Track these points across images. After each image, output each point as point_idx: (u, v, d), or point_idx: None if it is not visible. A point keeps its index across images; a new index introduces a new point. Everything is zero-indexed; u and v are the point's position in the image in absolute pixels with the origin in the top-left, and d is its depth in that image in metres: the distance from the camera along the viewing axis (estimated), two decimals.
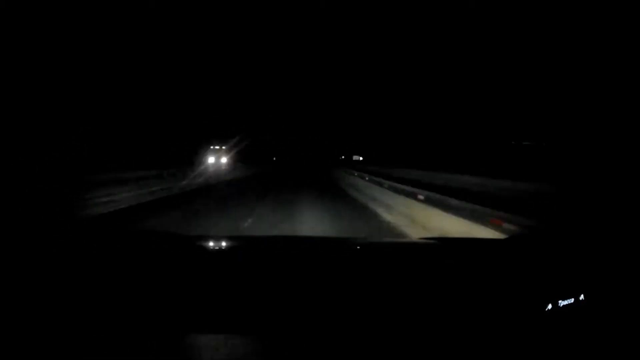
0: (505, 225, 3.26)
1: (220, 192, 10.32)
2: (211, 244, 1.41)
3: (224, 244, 1.44)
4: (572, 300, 0.75)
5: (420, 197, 5.79)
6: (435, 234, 3.27)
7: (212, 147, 20.06)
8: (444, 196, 5.29)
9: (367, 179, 10.12)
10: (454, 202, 4.80)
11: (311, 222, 5.35)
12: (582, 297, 0.76)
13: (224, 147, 20.44)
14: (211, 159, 18.61)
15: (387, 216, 5.93)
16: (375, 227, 5.10)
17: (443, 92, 19.02)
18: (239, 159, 21.72)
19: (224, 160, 19.58)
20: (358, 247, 1.43)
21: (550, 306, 0.72)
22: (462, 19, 17.09)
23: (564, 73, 12.77)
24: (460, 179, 8.93)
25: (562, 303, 0.74)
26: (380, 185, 8.26)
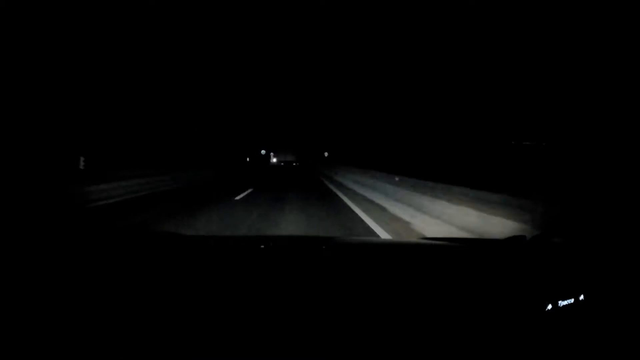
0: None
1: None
2: (208, 244, 1.40)
3: (221, 244, 1.44)
4: (572, 300, 0.74)
5: None
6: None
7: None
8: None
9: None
10: None
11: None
12: (582, 297, 0.75)
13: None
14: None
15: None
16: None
17: (442, 92, 18.99)
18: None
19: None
20: (357, 247, 1.43)
21: (550, 306, 0.72)
22: (461, 19, 17.06)
23: (564, 73, 12.76)
24: None
25: (562, 303, 0.73)
26: None
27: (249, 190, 9.92)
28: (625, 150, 9.01)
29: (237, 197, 8.29)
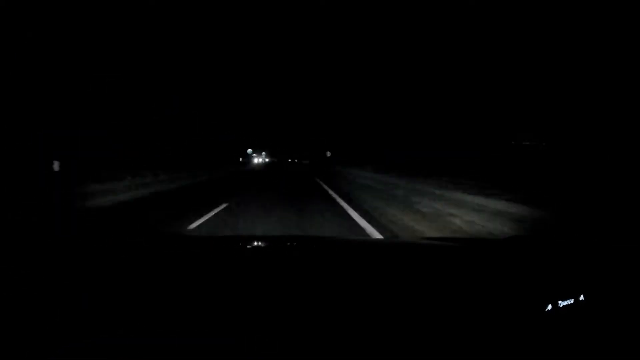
0: None
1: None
2: (210, 244, 1.40)
3: (223, 244, 1.44)
4: (572, 300, 0.74)
5: None
6: None
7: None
8: None
9: None
10: None
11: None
12: (582, 297, 0.75)
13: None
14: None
15: None
16: None
17: (442, 92, 18.98)
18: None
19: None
20: (357, 247, 1.43)
21: (550, 306, 0.72)
22: (461, 18, 17.06)
23: (564, 73, 12.76)
24: None
25: (562, 303, 0.73)
26: None
27: None
28: (625, 150, 9.01)
29: None
